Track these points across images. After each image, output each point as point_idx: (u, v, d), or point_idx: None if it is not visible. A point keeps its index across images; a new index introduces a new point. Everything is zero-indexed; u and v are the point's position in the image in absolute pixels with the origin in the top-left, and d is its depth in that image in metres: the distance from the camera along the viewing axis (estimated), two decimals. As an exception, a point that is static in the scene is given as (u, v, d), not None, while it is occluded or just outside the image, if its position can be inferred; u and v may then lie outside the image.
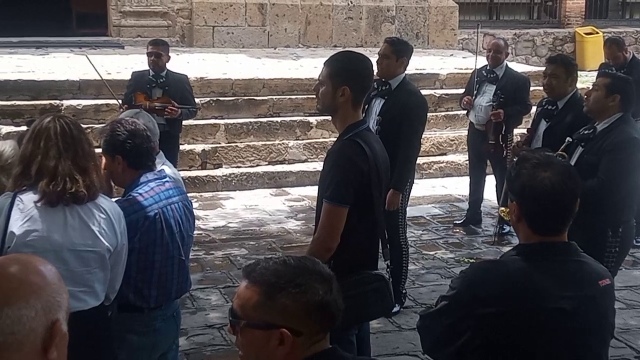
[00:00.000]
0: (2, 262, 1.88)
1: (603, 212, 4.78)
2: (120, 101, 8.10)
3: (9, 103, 9.66)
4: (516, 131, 8.11)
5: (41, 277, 1.83)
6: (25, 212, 3.47)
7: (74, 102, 9.75)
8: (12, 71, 10.54)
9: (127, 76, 8.46)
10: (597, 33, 16.40)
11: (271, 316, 2.09)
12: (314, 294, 2.09)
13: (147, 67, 8.16)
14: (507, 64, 8.00)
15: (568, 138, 5.12)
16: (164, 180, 4.01)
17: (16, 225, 3.43)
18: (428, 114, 6.92)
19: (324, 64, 4.01)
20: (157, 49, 8.01)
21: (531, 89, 8.25)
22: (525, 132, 6.46)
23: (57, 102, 9.80)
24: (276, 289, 2.09)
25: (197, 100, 9.51)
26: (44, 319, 1.77)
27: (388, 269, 4.31)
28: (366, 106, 6.10)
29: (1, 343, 1.71)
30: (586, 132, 4.99)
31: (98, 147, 4.17)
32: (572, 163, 4.87)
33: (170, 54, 8.20)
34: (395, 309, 6.01)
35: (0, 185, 4.17)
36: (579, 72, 6.38)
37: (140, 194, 3.86)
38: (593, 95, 5.00)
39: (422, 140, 6.67)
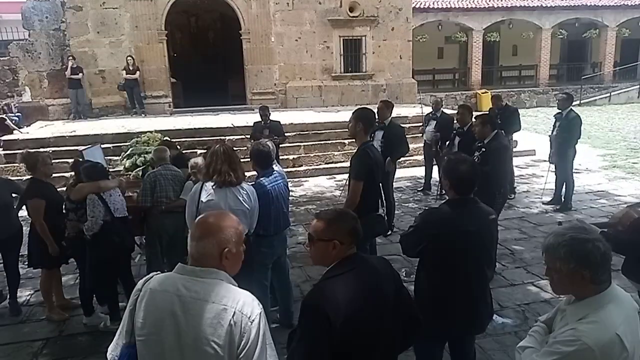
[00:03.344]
0: (208, 214, 2.51)
1: None
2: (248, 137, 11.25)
3: (200, 139, 14.02)
4: None
5: (221, 222, 2.46)
6: (207, 190, 4.57)
7: (231, 138, 13.87)
8: (199, 124, 15.18)
9: (252, 124, 11.73)
10: None
11: (330, 234, 2.78)
12: (352, 223, 2.82)
13: (259, 119, 11.32)
14: None
15: None
16: (274, 173, 5.22)
17: (204, 197, 4.61)
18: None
19: (352, 114, 5.21)
20: (264, 112, 11.10)
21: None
22: None
23: (222, 137, 13.57)
24: (332, 220, 2.80)
25: (287, 133, 12.69)
26: (217, 248, 2.43)
27: (384, 213, 5.41)
28: (372, 134, 7.68)
29: (198, 257, 2.43)
30: None
31: (244, 158, 5.56)
32: None
33: (270, 112, 11.31)
34: (388, 233, 7.93)
35: (196, 179, 5.57)
36: None
37: (262, 180, 5.14)
38: None
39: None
